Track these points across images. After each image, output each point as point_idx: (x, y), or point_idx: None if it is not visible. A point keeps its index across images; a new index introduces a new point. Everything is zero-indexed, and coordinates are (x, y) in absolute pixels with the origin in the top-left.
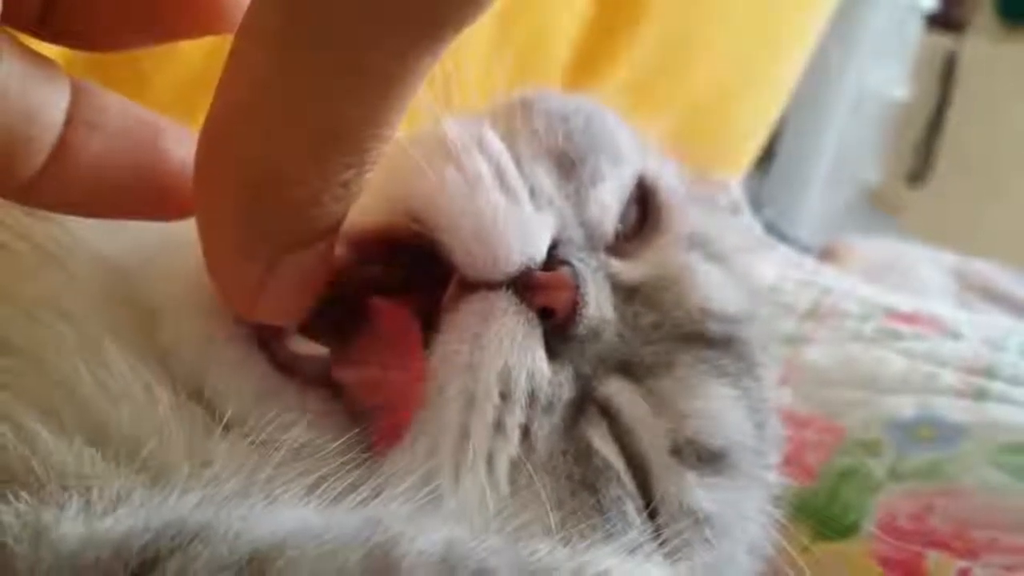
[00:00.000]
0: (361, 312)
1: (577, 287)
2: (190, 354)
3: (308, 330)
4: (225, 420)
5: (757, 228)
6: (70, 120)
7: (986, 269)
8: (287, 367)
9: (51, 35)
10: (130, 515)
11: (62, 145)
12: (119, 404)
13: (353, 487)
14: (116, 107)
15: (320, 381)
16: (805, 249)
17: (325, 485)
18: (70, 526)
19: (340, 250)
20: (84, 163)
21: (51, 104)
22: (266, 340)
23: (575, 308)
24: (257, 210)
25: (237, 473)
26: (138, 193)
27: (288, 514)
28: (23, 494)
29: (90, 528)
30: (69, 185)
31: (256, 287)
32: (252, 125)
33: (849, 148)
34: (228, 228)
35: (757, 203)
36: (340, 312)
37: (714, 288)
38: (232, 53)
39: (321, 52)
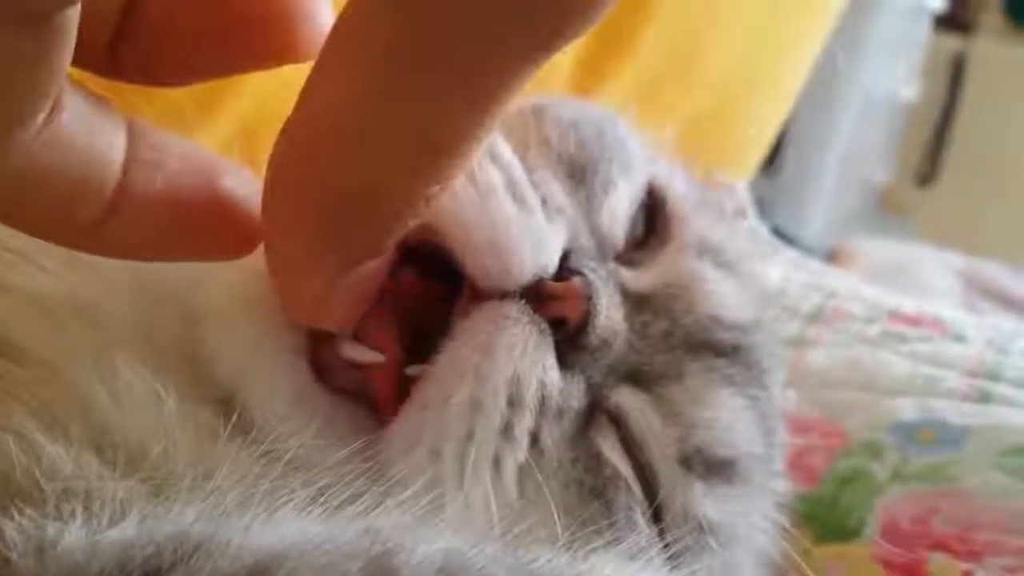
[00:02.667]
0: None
1: (589, 297)
2: (232, 359)
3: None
4: (230, 427)
5: (763, 232)
6: (129, 159)
7: (994, 271)
8: (329, 374)
9: (118, 73)
10: (133, 527)
11: (123, 186)
12: (126, 412)
13: (356, 496)
14: (171, 144)
15: (359, 393)
16: (811, 251)
17: (328, 494)
18: (74, 538)
19: None
20: (146, 204)
21: (114, 145)
22: (315, 347)
23: (587, 318)
24: (339, 224)
25: (241, 483)
26: (202, 233)
27: (289, 525)
28: (27, 509)
29: (93, 540)
30: (131, 228)
31: (324, 296)
32: (346, 140)
33: (857, 150)
34: (303, 239)
35: (765, 206)
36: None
37: (724, 296)
38: (323, 66)
39: (433, 66)
